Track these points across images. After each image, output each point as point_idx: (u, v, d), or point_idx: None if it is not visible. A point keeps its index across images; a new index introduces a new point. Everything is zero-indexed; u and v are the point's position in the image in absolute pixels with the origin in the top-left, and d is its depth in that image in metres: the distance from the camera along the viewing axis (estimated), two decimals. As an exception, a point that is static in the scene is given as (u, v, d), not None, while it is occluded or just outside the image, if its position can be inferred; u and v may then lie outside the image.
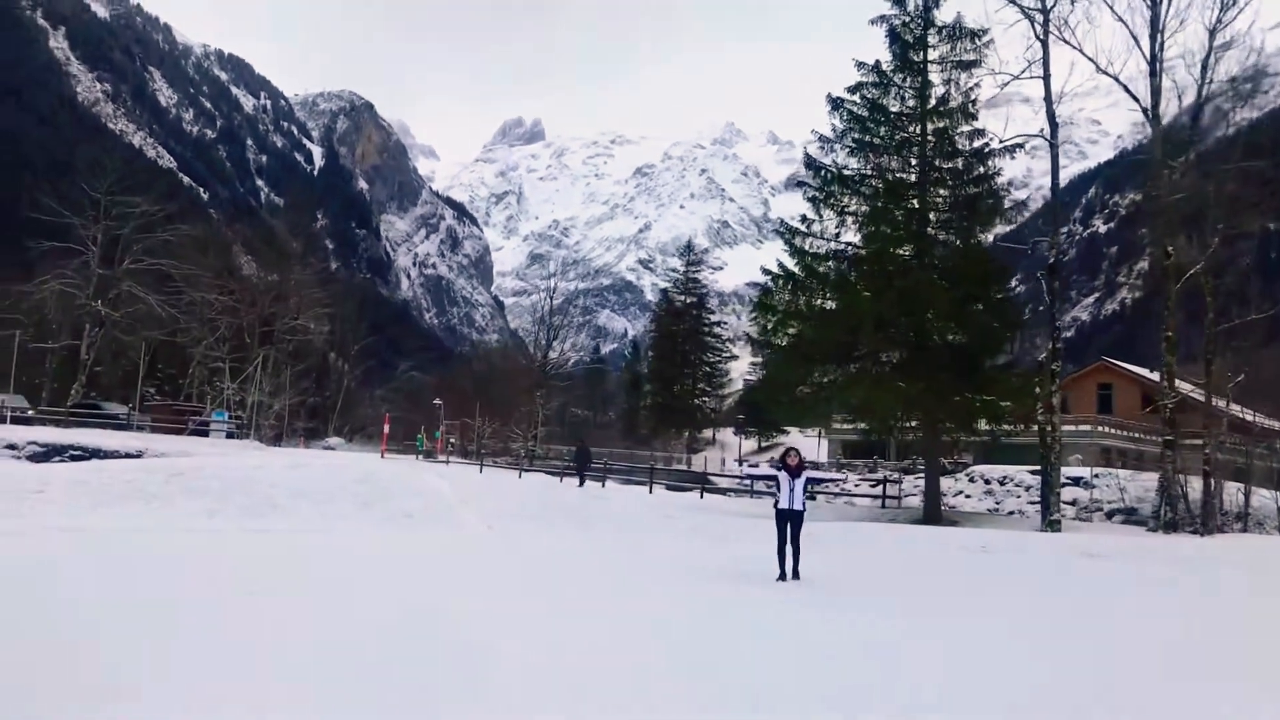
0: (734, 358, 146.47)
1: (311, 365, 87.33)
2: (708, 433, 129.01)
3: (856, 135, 33.72)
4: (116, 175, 64.86)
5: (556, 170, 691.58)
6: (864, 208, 33.41)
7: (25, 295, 68.88)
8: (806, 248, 33.60)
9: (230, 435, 59.67)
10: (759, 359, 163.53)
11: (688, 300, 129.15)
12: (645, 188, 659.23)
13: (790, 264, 33.46)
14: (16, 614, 8.83)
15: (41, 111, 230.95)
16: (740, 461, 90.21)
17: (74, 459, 34.00)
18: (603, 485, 44.06)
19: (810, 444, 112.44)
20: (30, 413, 56.39)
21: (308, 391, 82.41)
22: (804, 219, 34.21)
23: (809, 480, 15.35)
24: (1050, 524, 28.97)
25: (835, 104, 33.66)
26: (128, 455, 35.09)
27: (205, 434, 57.69)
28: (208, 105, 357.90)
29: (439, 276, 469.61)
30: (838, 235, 33.77)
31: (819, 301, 32.91)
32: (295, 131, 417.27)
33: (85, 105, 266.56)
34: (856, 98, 33.56)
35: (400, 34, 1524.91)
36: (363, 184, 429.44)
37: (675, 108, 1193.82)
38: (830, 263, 33.84)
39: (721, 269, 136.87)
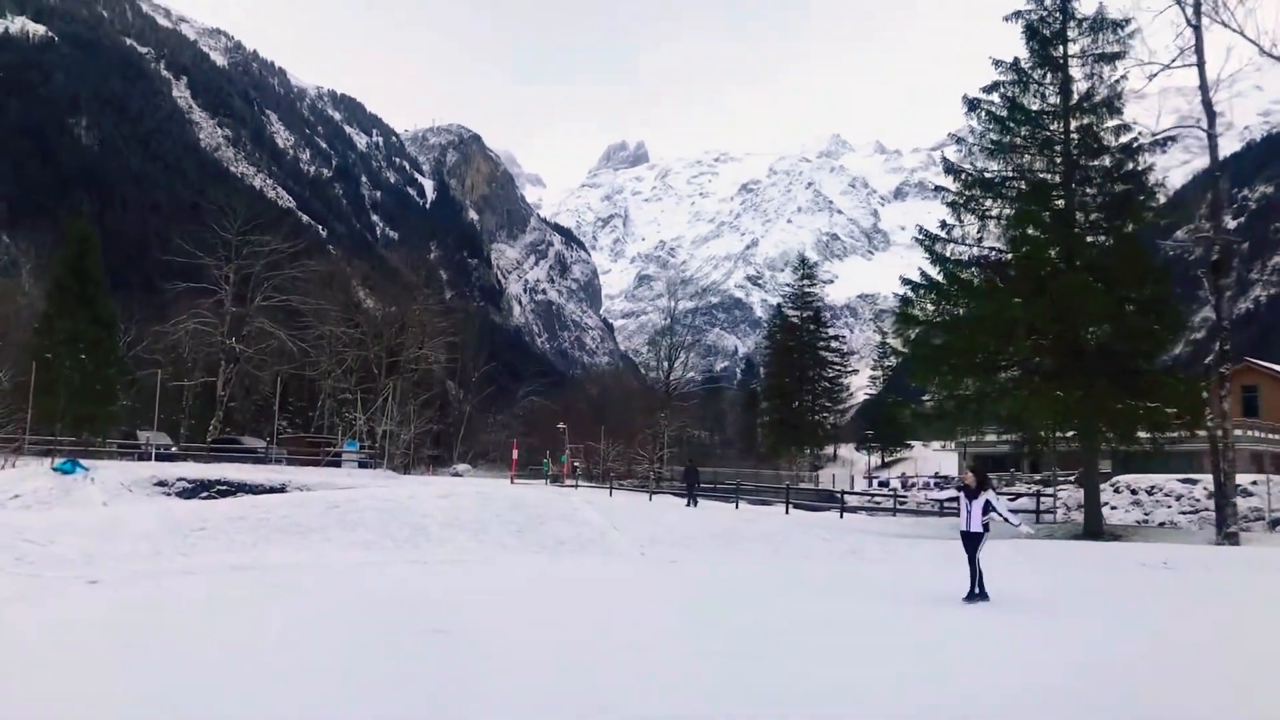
0: (854, 372, 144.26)
1: (434, 394, 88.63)
2: (828, 449, 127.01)
3: (995, 136, 32.44)
4: (245, 216, 66.88)
5: (661, 191, 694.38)
6: (1007, 211, 32.04)
7: (163, 335, 71.36)
8: (947, 254, 32.37)
9: (362, 465, 60.66)
10: (878, 373, 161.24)
11: (803, 315, 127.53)
12: (751, 204, 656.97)
13: (932, 272, 32.24)
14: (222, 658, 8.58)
15: (168, 159, 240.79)
16: (870, 479, 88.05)
17: (221, 494, 34.66)
18: (736, 507, 43.31)
19: (940, 458, 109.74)
20: (173, 449, 58.18)
21: (431, 420, 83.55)
22: (943, 224, 33.04)
23: (987, 502, 14.49)
24: (1226, 536, 27.18)
25: (972, 105, 32.48)
26: (272, 489, 35.63)
27: (338, 465, 58.76)
28: (323, 145, 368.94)
29: (549, 301, 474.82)
30: (980, 240, 32.49)
31: (963, 310, 31.60)
32: (407, 166, 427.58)
33: (208, 150, 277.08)
34: (994, 97, 32.32)
35: (504, 66, 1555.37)
36: (473, 214, 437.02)
37: (779, 122, 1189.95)
38: (973, 269, 32.55)
39: (831, 282, 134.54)
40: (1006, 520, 14.96)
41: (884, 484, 77.26)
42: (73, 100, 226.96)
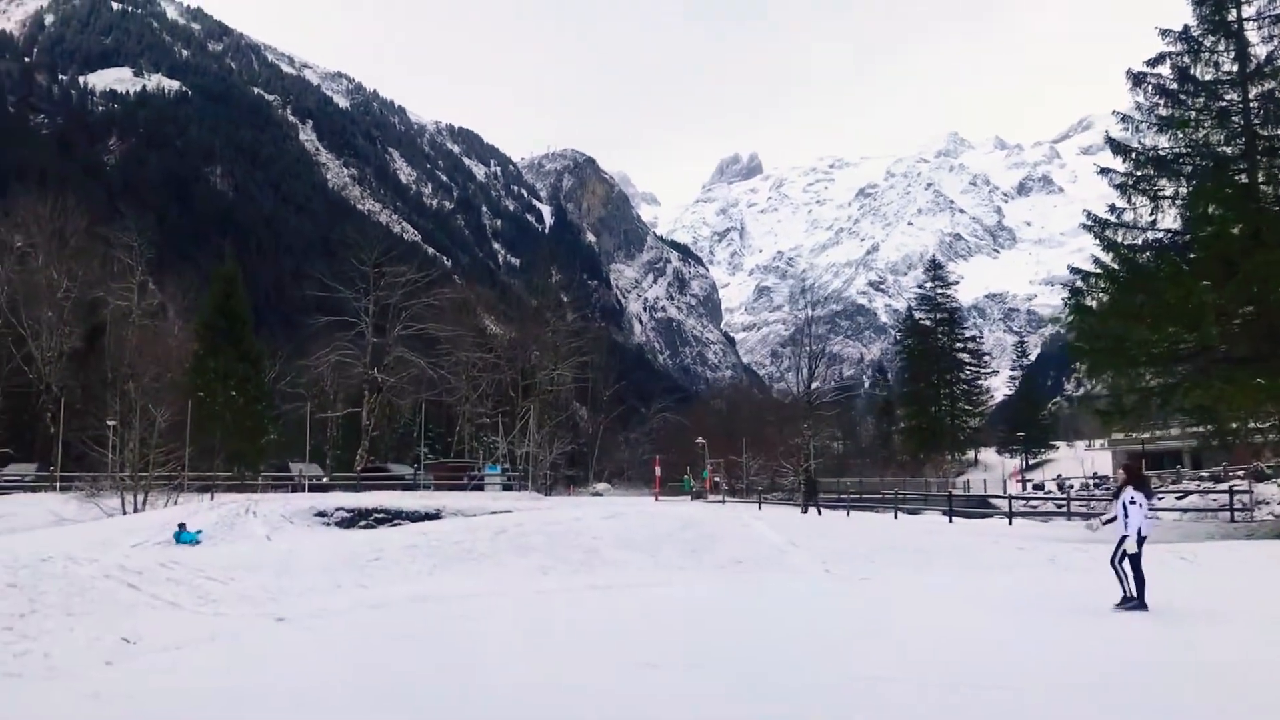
0: (993, 373, 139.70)
1: (569, 415, 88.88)
2: (969, 453, 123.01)
3: (1165, 111, 30.27)
4: (381, 249, 68.12)
5: (777, 201, 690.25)
6: (1182, 189, 29.82)
7: (307, 369, 73.04)
8: (1119, 240, 30.28)
9: (506, 488, 60.78)
10: (1016, 373, 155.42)
11: (935, 317, 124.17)
12: (869, 208, 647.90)
13: (1105, 258, 30.19)
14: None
15: (298, 200, 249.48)
16: (1023, 482, 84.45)
17: (378, 521, 34.74)
18: (895, 516, 41.70)
19: (1088, 458, 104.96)
20: (324, 479, 59.23)
21: (566, 440, 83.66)
22: (1112, 208, 30.95)
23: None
24: None
25: (1137, 79, 30.38)
26: (427, 515, 35.56)
27: (481, 488, 58.94)
28: (444, 178, 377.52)
29: (669, 318, 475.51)
30: (1153, 223, 30.31)
31: (1143, 297, 29.42)
32: (525, 194, 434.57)
33: (335, 190, 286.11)
34: (1161, 70, 30.19)
35: (615, 88, 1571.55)
36: (591, 237, 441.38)
37: (894, 125, 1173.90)
38: (1147, 254, 30.40)
39: (957, 283, 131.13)
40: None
41: (1038, 487, 73.94)
42: (208, 150, 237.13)
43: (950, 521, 37.90)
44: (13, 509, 37.59)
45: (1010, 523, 37.75)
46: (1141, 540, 13.27)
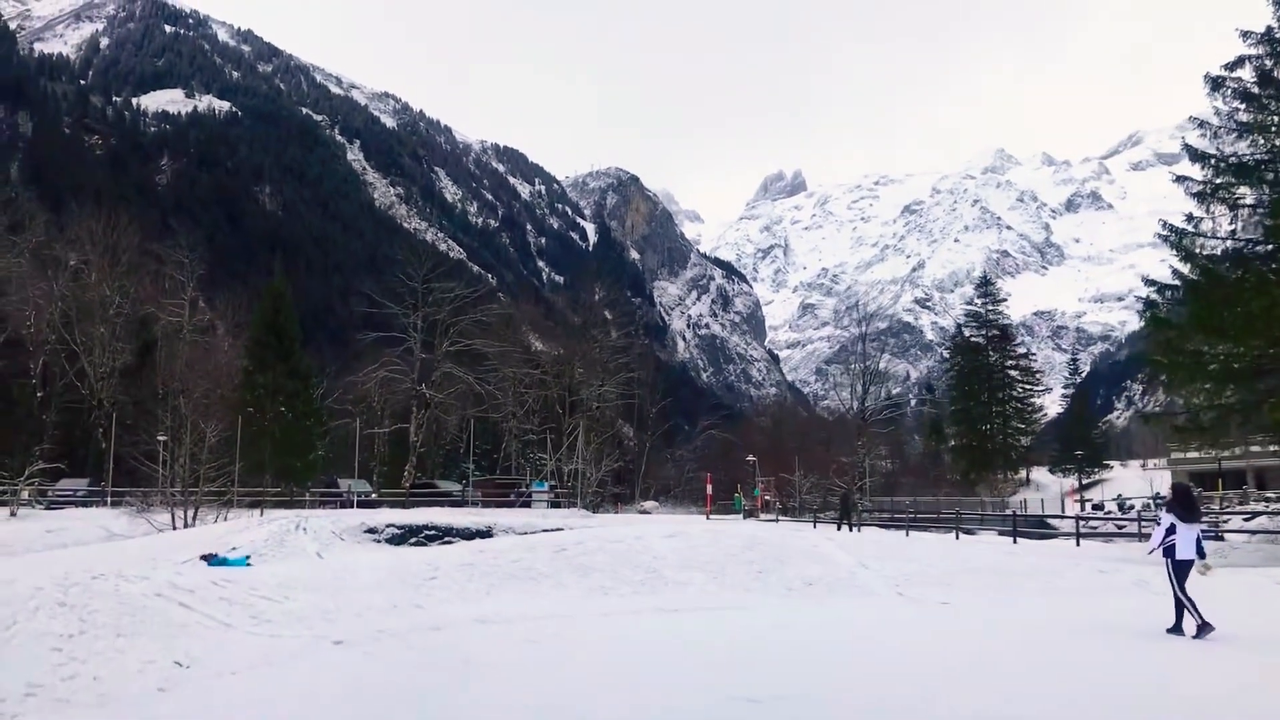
0: (1046, 390, 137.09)
1: (614, 432, 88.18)
2: (1020, 473, 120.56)
3: (1244, 115, 29.09)
4: (430, 264, 67.94)
5: (821, 218, 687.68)
6: (1265, 196, 28.57)
7: (354, 385, 73.01)
8: (1197, 249, 29.08)
9: (553, 505, 60.17)
10: (1067, 391, 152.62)
11: (987, 334, 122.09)
12: (915, 225, 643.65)
13: (1183, 269, 29.01)
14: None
15: (345, 219, 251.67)
16: (1081, 502, 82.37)
17: (429, 538, 34.17)
18: (956, 537, 40.47)
19: (1144, 478, 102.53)
20: (373, 495, 58.94)
21: (613, 458, 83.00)
22: (1189, 217, 29.76)
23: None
24: None
25: (1215, 83, 29.24)
26: (478, 532, 34.95)
27: (529, 505, 58.40)
28: (489, 196, 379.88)
29: (713, 336, 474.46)
30: (1233, 232, 29.09)
31: (1223, 310, 28.16)
32: (569, 212, 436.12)
33: (382, 209, 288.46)
34: (1241, 73, 29.03)
35: (658, 107, 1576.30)
36: (634, 254, 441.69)
37: (939, 141, 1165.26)
38: (1226, 264, 29.17)
39: (1007, 299, 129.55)
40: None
41: (1098, 507, 71.98)
42: (257, 169, 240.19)
43: (1015, 542, 36.61)
44: (65, 524, 37.53)
45: (1078, 543, 36.39)
46: (1181, 564, 13.34)
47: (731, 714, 8.26)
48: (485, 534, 34.84)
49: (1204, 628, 12.82)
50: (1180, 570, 13.38)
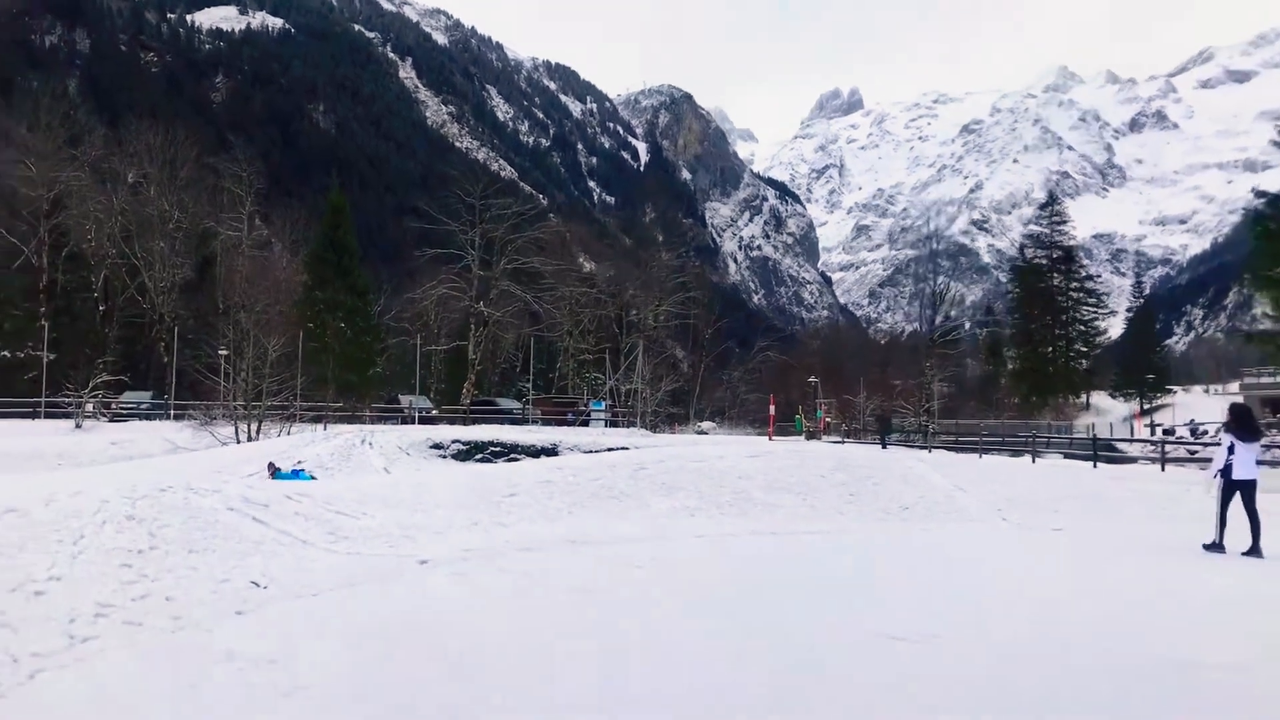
0: (1111, 313, 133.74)
1: (669, 353, 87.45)
2: (1081, 397, 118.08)
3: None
4: (485, 183, 66.95)
5: (878, 138, 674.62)
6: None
7: (411, 302, 72.78)
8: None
9: (610, 424, 59.68)
10: (1129, 314, 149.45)
11: (1051, 255, 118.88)
12: (974, 145, 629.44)
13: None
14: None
15: (398, 137, 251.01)
16: (1152, 427, 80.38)
17: (494, 455, 33.65)
18: (1033, 461, 39.21)
19: (1206, 402, 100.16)
20: (434, 412, 58.75)
21: (673, 379, 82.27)
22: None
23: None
24: None
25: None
26: (543, 450, 34.38)
27: (587, 424, 57.93)
28: (540, 115, 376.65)
29: (764, 257, 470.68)
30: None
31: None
32: (620, 131, 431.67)
33: (434, 128, 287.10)
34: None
35: (712, 22, 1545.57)
36: (686, 174, 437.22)
37: (1000, 59, 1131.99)
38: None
39: (1069, 221, 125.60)
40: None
41: (1168, 432, 69.95)
42: (310, 88, 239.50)
43: (1095, 466, 35.29)
44: (130, 436, 37.49)
45: (1163, 468, 34.99)
46: (1236, 484, 13.30)
47: (881, 653, 7.25)
48: (551, 451, 34.28)
49: (1215, 547, 13.38)
50: (1237, 489, 13.39)
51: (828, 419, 62.14)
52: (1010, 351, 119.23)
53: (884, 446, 40.56)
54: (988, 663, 7.03)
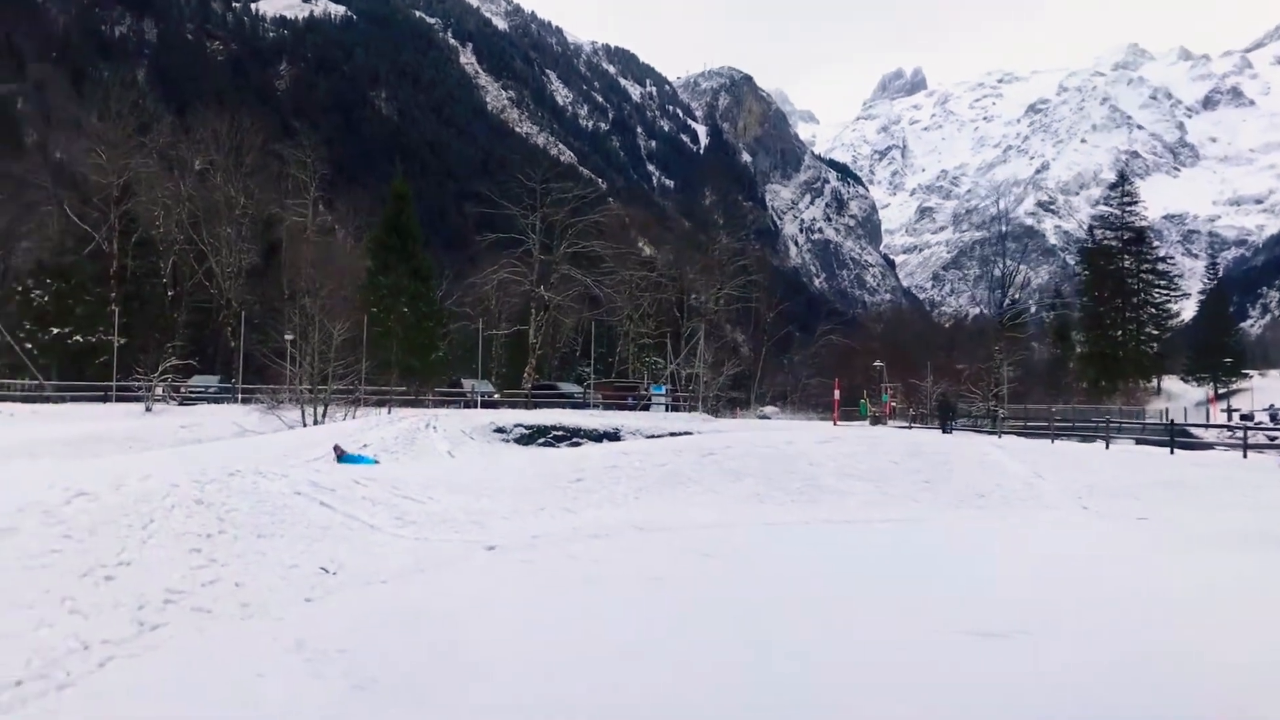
0: (1184, 295, 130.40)
1: (729, 338, 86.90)
2: (1152, 381, 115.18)
3: None
4: (548, 165, 66.91)
5: (941, 118, 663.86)
6: None
7: (473, 287, 73.01)
8: None
9: (670, 408, 59.31)
10: (1202, 295, 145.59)
11: (1122, 237, 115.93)
12: (1040, 125, 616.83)
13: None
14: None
15: (459, 123, 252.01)
16: (1229, 412, 78.24)
17: (557, 439, 33.54)
18: (1107, 446, 38.20)
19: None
20: (496, 396, 58.89)
21: (735, 363, 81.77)
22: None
23: None
24: None
25: None
26: (605, 434, 34.18)
27: (648, 408, 57.61)
28: (599, 99, 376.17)
29: (826, 240, 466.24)
30: None
31: None
32: (680, 114, 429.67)
33: (494, 113, 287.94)
34: None
35: (774, 2, 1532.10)
36: (746, 157, 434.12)
37: (1068, 36, 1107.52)
38: None
39: (1141, 201, 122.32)
40: None
41: (1246, 417, 67.94)
42: (373, 74, 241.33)
43: (1171, 453, 34.23)
44: (198, 419, 37.98)
45: (1244, 454, 33.83)
46: None
47: (970, 651, 6.87)
48: (613, 436, 34.06)
49: None
50: None
51: (893, 404, 61.18)
52: (1078, 335, 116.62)
53: (946, 431, 39.69)
54: (1094, 664, 6.62)
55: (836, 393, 53.41)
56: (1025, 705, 5.65)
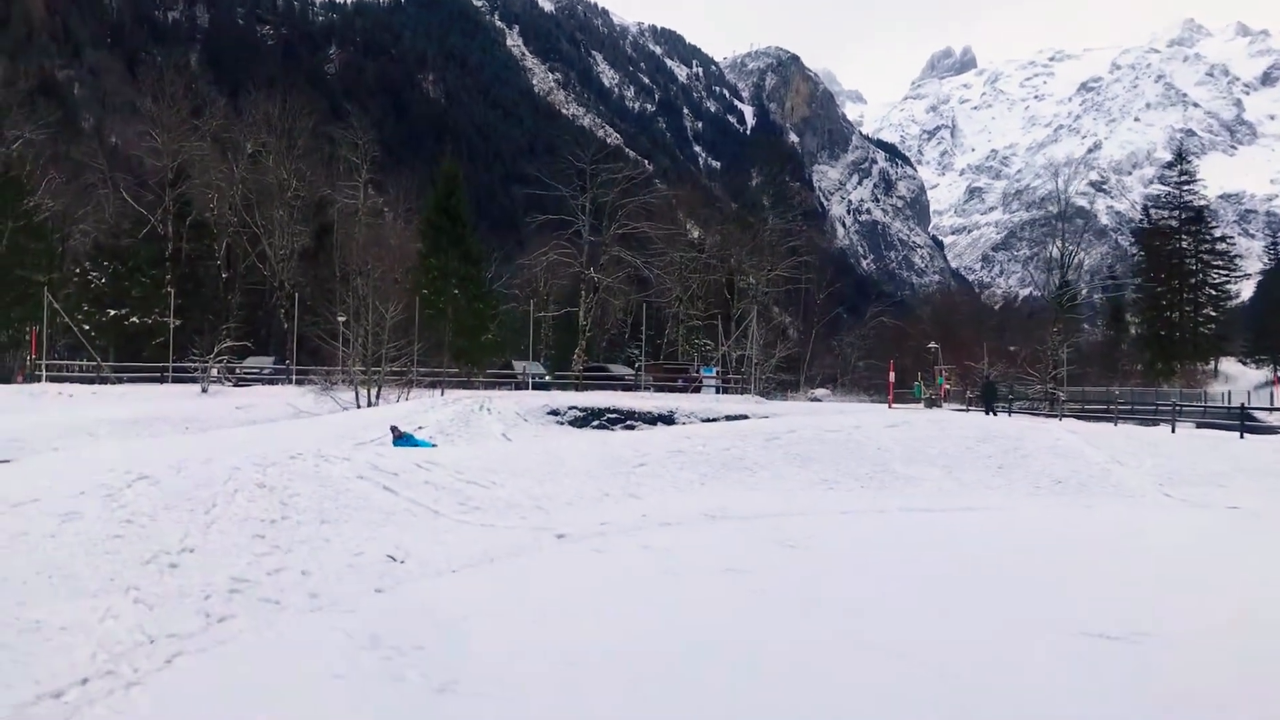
0: (1244, 276, 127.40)
1: (777, 319, 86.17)
2: (1210, 363, 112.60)
3: None
4: (595, 147, 66.55)
5: (991, 97, 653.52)
6: None
7: (522, 269, 72.94)
8: None
9: (721, 391, 58.82)
10: (1261, 275, 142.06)
11: (1180, 216, 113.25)
12: (1092, 104, 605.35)
13: None
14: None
15: (506, 106, 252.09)
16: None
17: (611, 422, 33.21)
18: (1173, 430, 37.20)
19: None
20: (547, 378, 58.71)
21: (788, 344, 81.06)
22: None
23: None
24: None
25: None
26: (660, 417, 33.80)
27: (698, 390, 57.16)
28: (646, 81, 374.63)
29: (874, 221, 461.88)
30: None
31: None
32: (726, 94, 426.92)
33: (541, 95, 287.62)
34: None
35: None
36: (793, 137, 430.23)
37: (1122, 13, 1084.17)
38: None
39: (1199, 180, 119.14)
40: None
41: (1313, 401, 65.90)
42: (420, 57, 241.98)
43: (1241, 437, 33.22)
44: (253, 400, 38.12)
45: (1322, 439, 32.70)
46: None
47: (1094, 655, 6.37)
48: (667, 419, 33.71)
49: None
50: None
51: (948, 386, 60.16)
52: (1133, 317, 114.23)
53: (992, 414, 39.10)
54: (1225, 666, 6.10)
55: (891, 375, 52.60)
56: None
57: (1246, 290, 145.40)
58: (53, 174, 62.92)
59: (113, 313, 55.04)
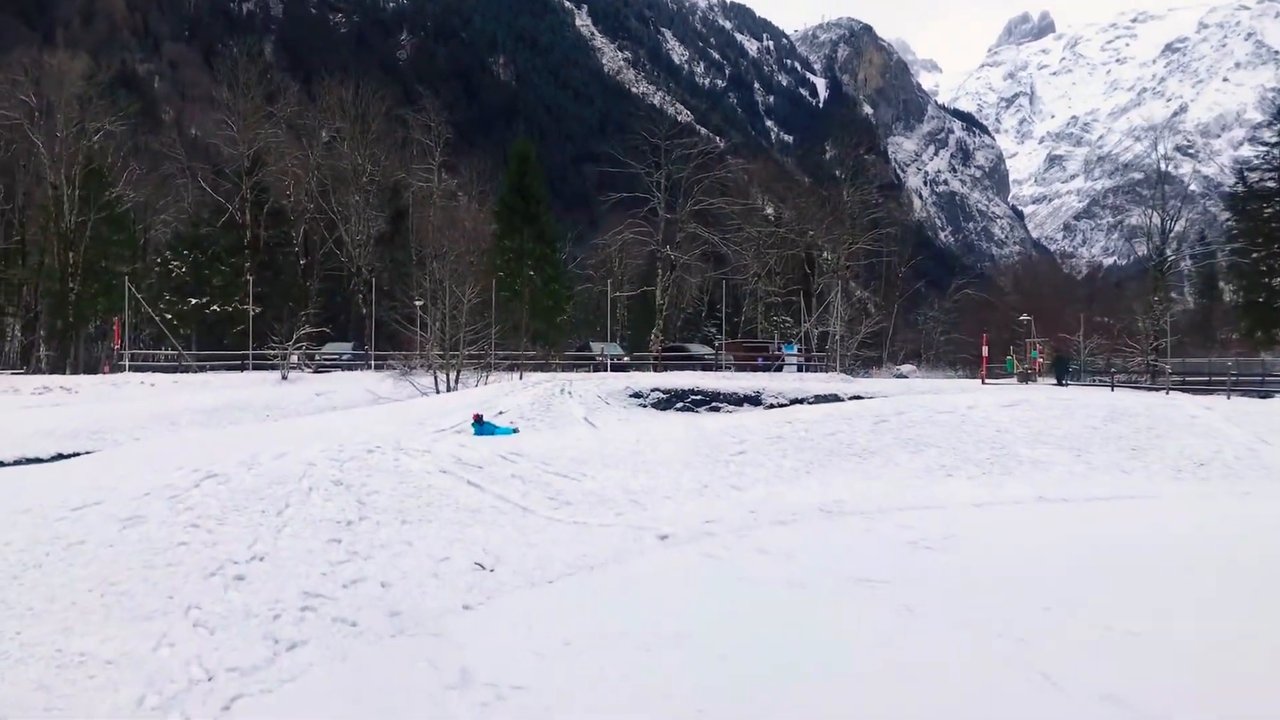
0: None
1: (856, 295, 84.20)
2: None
3: None
4: (667, 124, 65.36)
5: (1071, 62, 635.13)
6: None
7: (597, 248, 72.14)
8: None
9: (802, 368, 57.42)
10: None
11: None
12: (1178, 65, 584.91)
13: None
14: None
15: (576, 86, 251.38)
16: None
17: (695, 404, 32.09)
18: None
19: None
20: (625, 359, 57.83)
21: (873, 320, 79.15)
22: None
23: None
24: None
25: None
26: (746, 398, 32.57)
27: (780, 369, 55.83)
28: (715, 56, 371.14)
29: (951, 192, 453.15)
30: None
31: None
32: (798, 67, 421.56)
33: (610, 74, 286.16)
34: None
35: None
36: (867, 109, 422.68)
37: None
38: None
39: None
40: None
41: None
42: (490, 40, 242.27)
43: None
44: (333, 386, 37.78)
45: None
46: None
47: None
48: (754, 400, 32.50)
49: None
50: None
51: (1041, 360, 57.87)
52: (1228, 284, 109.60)
53: (1062, 385, 39.67)
54: None
55: (985, 349, 50.66)
56: None
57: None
58: (133, 165, 63.58)
59: (193, 301, 55.44)
